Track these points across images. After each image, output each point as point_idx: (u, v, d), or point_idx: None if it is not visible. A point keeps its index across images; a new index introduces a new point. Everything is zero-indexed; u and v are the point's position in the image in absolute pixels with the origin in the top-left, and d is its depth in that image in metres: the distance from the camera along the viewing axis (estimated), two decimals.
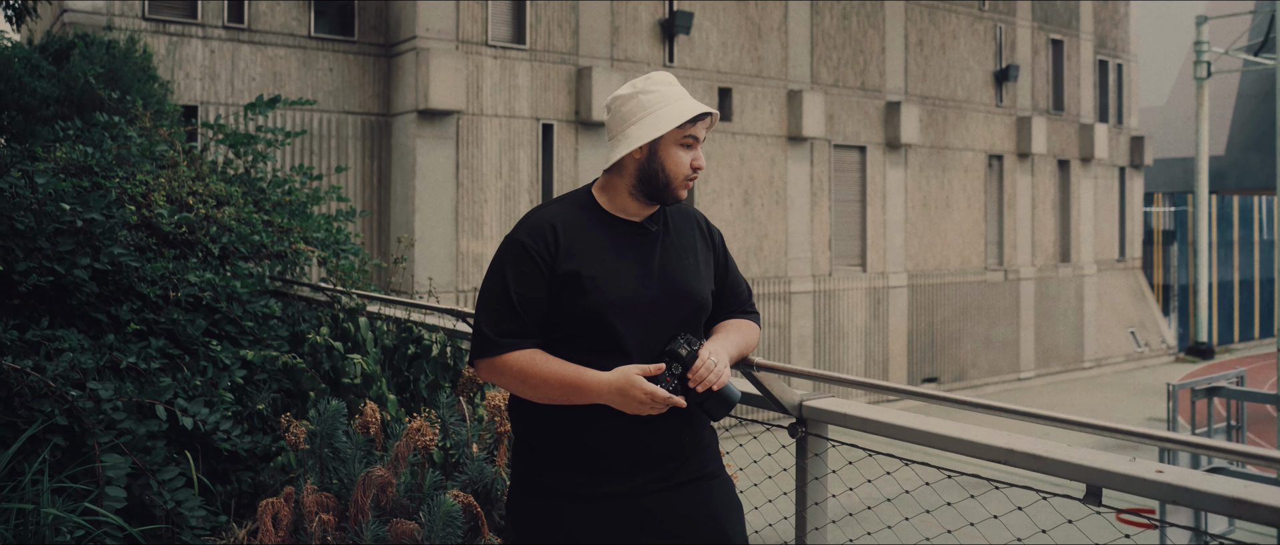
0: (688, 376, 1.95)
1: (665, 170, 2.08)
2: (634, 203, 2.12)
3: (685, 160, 2.09)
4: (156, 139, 4.64)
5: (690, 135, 2.09)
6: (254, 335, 3.99)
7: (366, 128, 14.26)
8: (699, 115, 2.09)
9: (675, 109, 2.06)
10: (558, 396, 2.02)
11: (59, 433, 3.21)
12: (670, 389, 1.95)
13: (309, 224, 4.81)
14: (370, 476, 2.60)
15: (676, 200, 2.11)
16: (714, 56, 16.63)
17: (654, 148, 2.09)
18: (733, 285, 2.25)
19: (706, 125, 2.13)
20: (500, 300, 2.06)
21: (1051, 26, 22.71)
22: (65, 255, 3.57)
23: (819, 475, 2.17)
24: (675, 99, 2.09)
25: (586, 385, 1.99)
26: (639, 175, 2.10)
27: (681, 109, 2.06)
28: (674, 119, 2.05)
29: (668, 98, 2.09)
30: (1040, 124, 21.86)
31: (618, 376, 1.97)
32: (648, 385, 1.95)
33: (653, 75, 2.14)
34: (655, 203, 2.11)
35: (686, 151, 2.09)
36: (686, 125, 2.08)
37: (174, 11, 13.05)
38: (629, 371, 1.96)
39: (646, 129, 2.07)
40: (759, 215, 17.27)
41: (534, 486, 2.10)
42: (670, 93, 2.10)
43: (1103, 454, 1.70)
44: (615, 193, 2.14)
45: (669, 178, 2.08)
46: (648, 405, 1.96)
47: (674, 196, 2.10)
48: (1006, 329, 21.57)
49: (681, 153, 2.09)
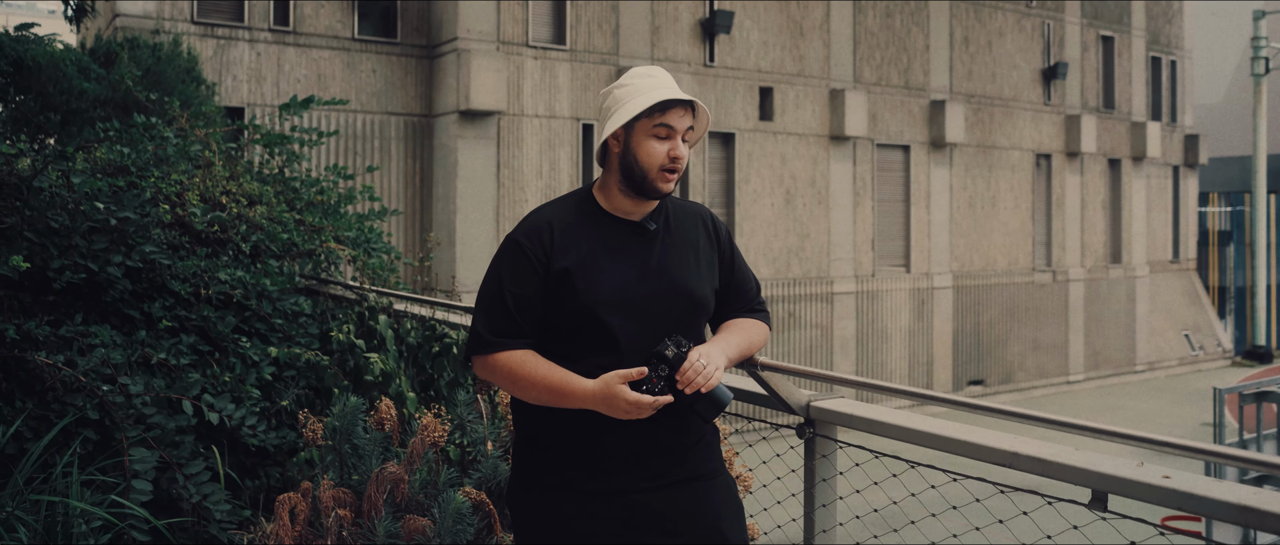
0: (675, 378, 1.93)
1: (639, 162, 2.05)
2: (626, 200, 2.10)
3: (659, 151, 2.04)
4: (192, 139, 4.73)
5: (663, 124, 2.04)
6: (284, 332, 4.04)
7: (409, 128, 14.41)
8: (671, 104, 2.04)
9: (642, 99, 2.03)
10: (545, 399, 2.02)
11: (90, 426, 3.29)
12: (656, 391, 1.93)
13: (340, 223, 4.87)
14: (383, 473, 2.62)
15: (659, 193, 2.06)
16: (755, 56, 16.55)
17: (628, 140, 2.07)
18: (740, 283, 2.22)
19: (685, 115, 2.06)
20: (494, 299, 2.06)
21: (1101, 23, 22.26)
22: (99, 253, 3.65)
23: (827, 477, 2.14)
24: (647, 89, 2.05)
25: (571, 392, 1.98)
26: (621, 169, 2.08)
27: (647, 99, 2.03)
28: (636, 108, 2.02)
29: (640, 89, 2.05)
30: (1090, 122, 21.44)
31: (600, 385, 1.96)
32: (631, 395, 1.93)
33: (637, 68, 2.12)
34: (642, 197, 2.08)
35: (661, 142, 2.05)
36: (656, 114, 2.04)
37: (221, 15, 13.30)
38: (611, 380, 1.95)
39: (614, 121, 2.06)
40: (801, 215, 17.15)
41: (530, 480, 2.11)
42: (644, 84, 2.06)
43: (1108, 458, 1.65)
44: (610, 191, 2.13)
45: (644, 170, 2.05)
46: (633, 413, 1.94)
47: (654, 189, 2.06)
48: (1055, 331, 21.19)
49: (655, 143, 2.05)
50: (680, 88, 2.10)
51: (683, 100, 2.06)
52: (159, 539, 3.19)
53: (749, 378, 2.28)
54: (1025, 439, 1.77)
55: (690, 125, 2.09)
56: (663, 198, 2.09)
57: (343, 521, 2.65)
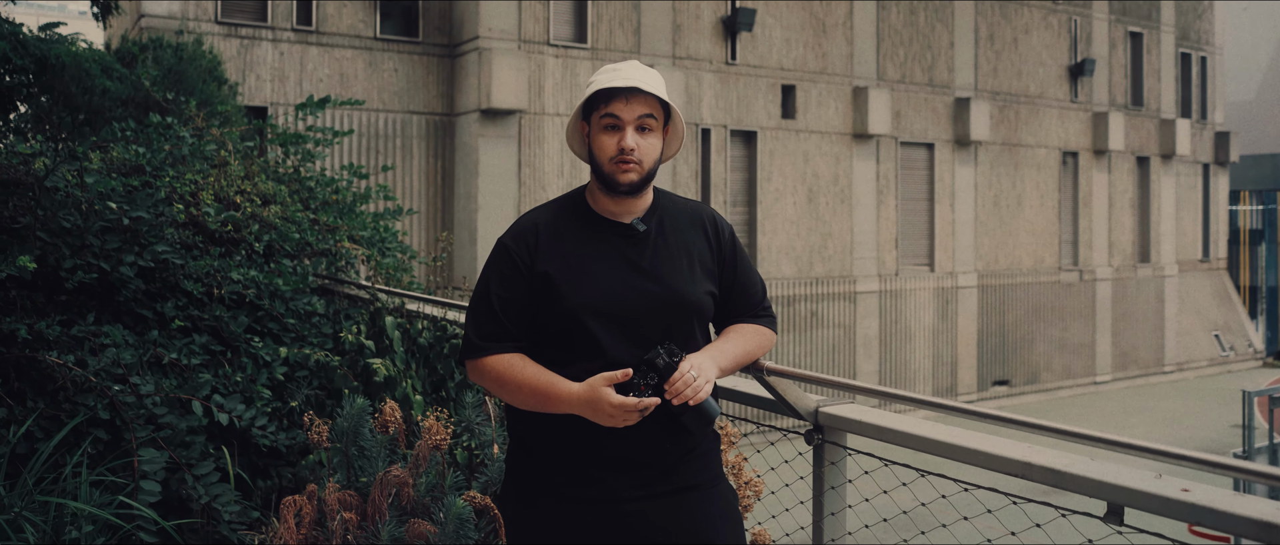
0: (664, 387, 1.89)
1: (595, 157, 2.02)
2: (607, 199, 2.05)
3: (609, 143, 1.99)
4: (207, 139, 4.74)
5: (607, 114, 1.99)
6: (296, 333, 4.03)
7: (431, 127, 14.44)
8: (615, 94, 1.98)
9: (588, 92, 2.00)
10: (532, 403, 1.99)
11: (101, 426, 3.29)
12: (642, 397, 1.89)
13: (355, 222, 4.86)
14: (387, 476, 2.60)
15: (620, 188, 2.00)
16: (777, 53, 16.45)
17: (589, 136, 2.04)
18: (743, 287, 2.15)
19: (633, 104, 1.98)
20: (483, 303, 2.04)
21: (1130, 19, 21.96)
22: (112, 252, 3.65)
23: (836, 484, 2.09)
24: (598, 84, 2.01)
25: (557, 395, 1.94)
26: (591, 167, 2.06)
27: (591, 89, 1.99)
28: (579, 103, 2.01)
29: (594, 83, 2.02)
30: (1118, 120, 21.17)
31: (584, 389, 1.92)
32: (616, 398, 1.88)
33: (606, 65, 2.08)
34: (610, 193, 2.02)
35: (610, 134, 1.99)
36: (601, 105, 1.99)
37: (245, 15, 13.38)
38: (597, 382, 1.90)
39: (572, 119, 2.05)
40: (823, 214, 17.04)
41: (520, 487, 2.07)
42: (599, 78, 2.02)
43: (1125, 469, 1.59)
44: (596, 193, 2.09)
45: (598, 163, 2.01)
46: (618, 418, 1.90)
47: (614, 183, 2.00)
48: (1082, 331, 20.94)
49: (604, 136, 2.00)
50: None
51: (623, 89, 1.98)
52: (167, 540, 3.18)
53: (755, 382, 2.22)
54: (1039, 448, 1.70)
55: (645, 113, 2.00)
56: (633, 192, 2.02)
57: (348, 524, 2.62)
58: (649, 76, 2.03)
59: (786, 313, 16.50)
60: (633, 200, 2.05)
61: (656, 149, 2.03)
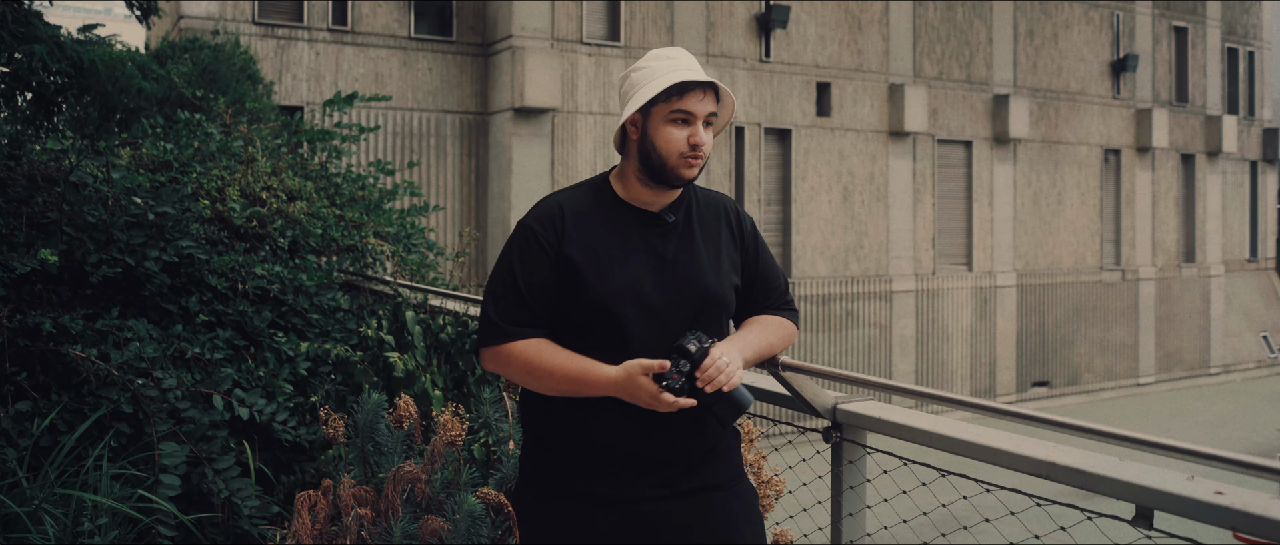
0: (696, 375, 1.83)
1: (657, 149, 1.94)
2: (645, 189, 1.99)
3: (678, 137, 1.93)
4: (235, 135, 4.76)
5: (680, 109, 1.93)
6: (320, 328, 4.03)
7: (464, 126, 14.49)
8: (689, 87, 1.92)
9: (660, 81, 1.92)
10: (564, 388, 1.93)
11: (124, 420, 3.30)
12: (676, 387, 1.83)
13: (381, 219, 4.85)
14: (400, 472, 2.57)
15: (680, 182, 1.96)
16: (812, 50, 16.31)
17: (645, 125, 1.96)
18: (765, 279, 2.10)
19: (704, 98, 1.95)
20: (508, 287, 1.97)
21: (1174, 13, 21.51)
22: (137, 247, 3.67)
23: (855, 484, 2.02)
24: (665, 72, 1.94)
25: (593, 379, 1.89)
26: (640, 157, 1.98)
27: (664, 80, 1.92)
28: (652, 91, 1.92)
29: (658, 71, 1.94)
30: (1161, 116, 20.74)
31: (622, 372, 1.87)
32: (654, 388, 1.83)
33: (655, 50, 2.01)
34: (662, 186, 1.97)
35: (680, 128, 1.93)
36: (674, 98, 1.93)
37: (282, 15, 13.51)
38: (634, 368, 1.85)
39: (631, 105, 1.96)
40: (859, 212, 16.87)
41: (535, 485, 2.02)
42: (662, 66, 1.95)
43: (1155, 470, 1.51)
44: (628, 179, 2.02)
45: (662, 158, 1.94)
46: (655, 406, 1.85)
47: (675, 177, 1.95)
48: (1124, 332, 20.55)
49: (673, 130, 1.93)
50: (724, 79, 1.97)
51: (702, 83, 1.94)
52: (186, 534, 3.18)
53: (772, 378, 2.16)
54: (1063, 448, 1.63)
55: (712, 110, 1.97)
56: (685, 187, 1.99)
57: (363, 520, 2.60)
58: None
59: (821, 312, 16.36)
60: (670, 192, 2.00)
61: (711, 144, 2.00)
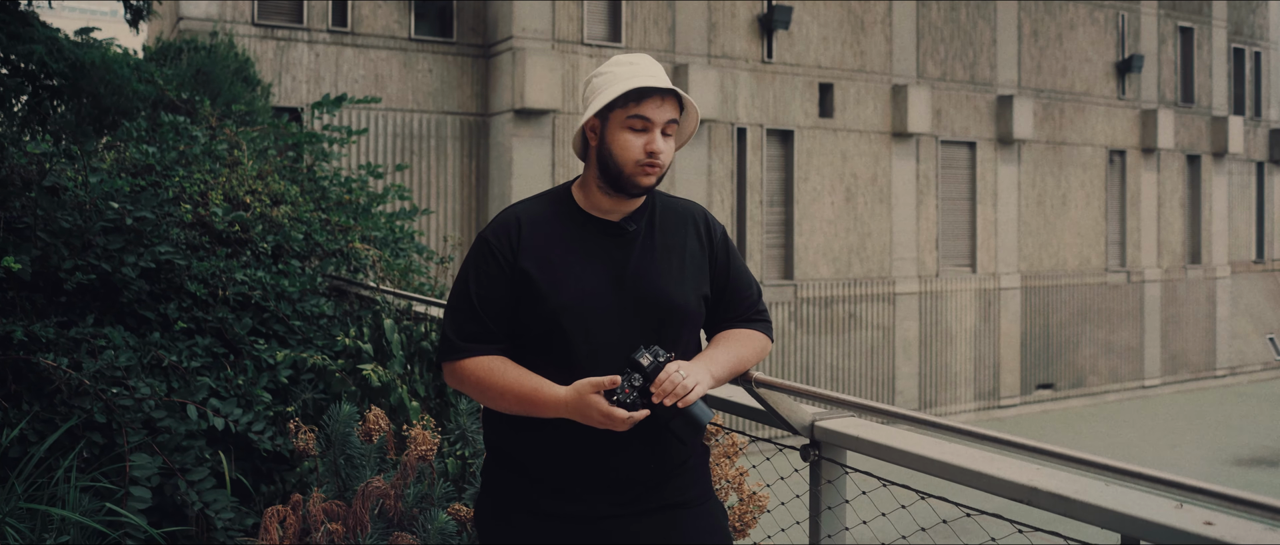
0: (651, 390, 1.76)
1: (614, 156, 1.88)
2: (605, 198, 1.93)
3: (635, 144, 1.86)
4: (220, 138, 4.69)
5: (638, 115, 1.86)
6: (303, 335, 3.96)
7: (465, 127, 14.42)
8: (647, 94, 1.86)
9: (617, 86, 1.86)
10: (515, 408, 1.86)
11: (97, 430, 3.23)
12: (628, 402, 1.75)
13: (369, 223, 4.78)
14: (368, 488, 2.49)
15: (638, 190, 1.89)
16: (814, 51, 16.21)
17: (604, 132, 1.90)
18: (736, 289, 2.02)
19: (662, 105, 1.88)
20: (463, 302, 1.92)
21: (1180, 14, 21.37)
22: (114, 253, 3.60)
23: (833, 505, 1.94)
24: (625, 78, 1.87)
25: (543, 399, 1.82)
26: (598, 164, 1.92)
27: (621, 85, 1.86)
28: (608, 96, 1.86)
29: (618, 77, 1.88)
30: (1167, 117, 20.60)
31: (572, 393, 1.79)
32: (604, 406, 1.76)
33: (620, 55, 1.94)
34: (620, 194, 1.91)
35: (637, 135, 1.87)
36: (630, 104, 1.86)
37: (281, 16, 13.45)
38: (584, 387, 1.78)
39: (588, 110, 1.90)
40: (862, 214, 16.77)
41: (495, 499, 1.96)
42: (623, 72, 1.88)
43: (1141, 497, 1.43)
44: (588, 188, 1.96)
45: (619, 165, 1.87)
46: (607, 424, 1.78)
47: (632, 186, 1.88)
48: (1129, 334, 20.41)
49: (630, 136, 1.87)
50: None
51: (660, 89, 1.87)
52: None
53: (747, 393, 2.08)
54: (1047, 471, 1.55)
55: (672, 118, 1.90)
56: (646, 195, 1.92)
57: (333, 536, 2.52)
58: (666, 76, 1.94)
59: (824, 314, 16.26)
60: (631, 200, 1.94)
61: (672, 153, 1.93)
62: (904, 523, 1.90)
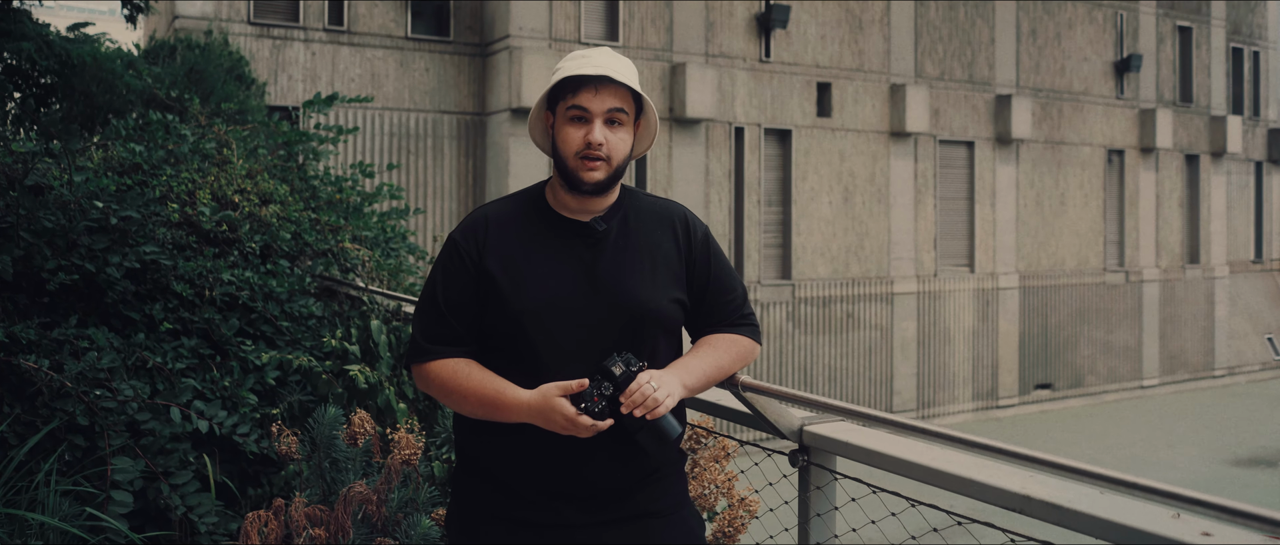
0: (620, 400, 1.71)
1: (559, 151, 1.84)
2: (568, 196, 1.88)
3: (575, 136, 1.82)
4: (209, 137, 4.64)
5: (574, 105, 1.81)
6: (291, 336, 3.91)
7: (462, 126, 14.37)
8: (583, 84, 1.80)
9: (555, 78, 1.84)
10: (479, 412, 1.82)
11: (79, 433, 3.18)
12: (597, 410, 1.70)
13: (360, 223, 4.73)
14: (350, 493, 2.45)
15: (585, 186, 1.83)
16: (812, 50, 16.17)
17: (553, 128, 1.87)
18: (718, 293, 1.95)
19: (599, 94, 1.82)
20: (431, 303, 1.88)
21: (1178, 13, 21.33)
22: (98, 253, 3.55)
23: (822, 512, 1.89)
24: (566, 71, 1.83)
25: (507, 403, 1.77)
26: (554, 161, 1.88)
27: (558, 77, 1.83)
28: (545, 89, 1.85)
29: (561, 71, 1.85)
30: (1165, 117, 20.56)
31: (537, 397, 1.75)
32: (569, 410, 1.71)
33: (577, 50, 1.91)
34: (573, 190, 1.85)
35: (576, 127, 1.82)
36: (569, 95, 1.82)
37: (277, 15, 13.40)
38: (550, 391, 1.73)
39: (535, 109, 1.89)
40: (860, 213, 16.73)
41: (464, 508, 1.91)
42: (567, 66, 1.85)
43: (1136, 506, 1.38)
44: (555, 187, 1.92)
45: (562, 159, 1.84)
46: (571, 430, 1.73)
47: (577, 181, 1.83)
48: (1128, 334, 20.38)
49: (570, 129, 1.82)
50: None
51: (594, 78, 1.81)
52: None
53: (734, 397, 2.03)
54: (1040, 478, 1.51)
55: (616, 106, 1.83)
56: (598, 191, 1.85)
57: (315, 541, 2.48)
58: (621, 65, 1.86)
59: (822, 314, 16.22)
60: (596, 199, 1.88)
61: (627, 145, 1.86)
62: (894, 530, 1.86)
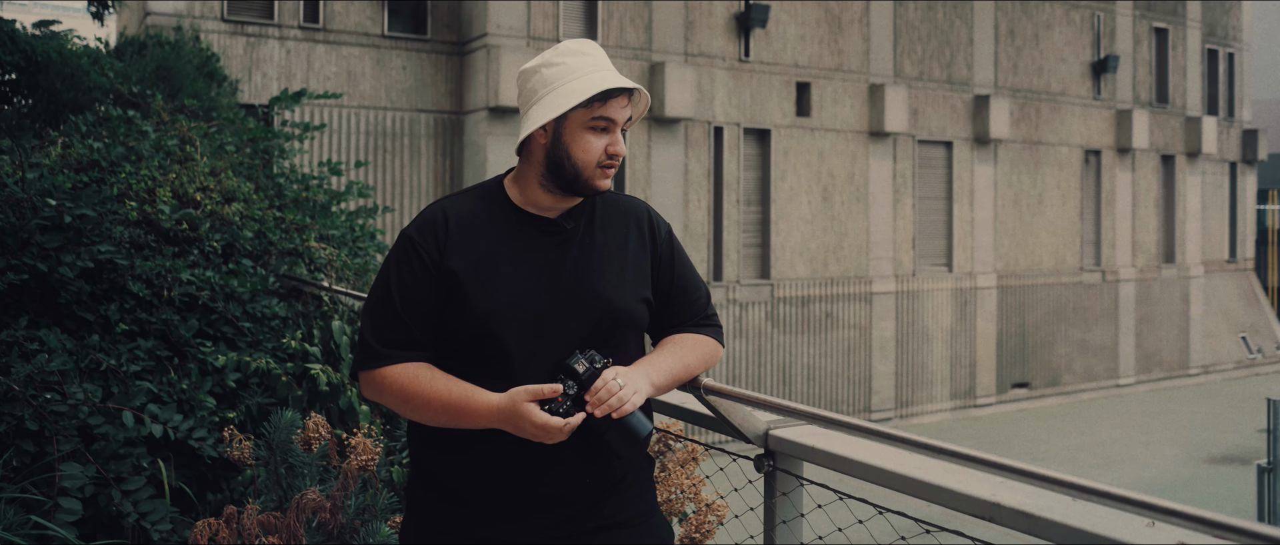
0: (585, 398, 1.64)
1: (572, 158, 1.75)
2: (546, 195, 1.79)
3: (597, 146, 1.74)
4: (171, 134, 4.53)
5: (601, 116, 1.74)
6: (252, 337, 3.81)
7: (439, 125, 14.25)
8: (613, 94, 1.74)
9: (579, 84, 1.72)
10: (443, 419, 1.72)
11: (28, 438, 3.08)
12: (562, 411, 1.64)
13: (327, 222, 4.64)
14: (303, 500, 2.36)
15: (594, 193, 1.77)
16: (792, 50, 16.15)
17: (558, 131, 1.76)
18: (682, 292, 1.89)
19: (626, 104, 1.77)
20: (384, 304, 1.77)
21: (1155, 15, 21.47)
22: (51, 252, 3.44)
23: (788, 519, 1.83)
24: (582, 72, 1.74)
25: (474, 408, 1.68)
26: (546, 163, 1.77)
27: (586, 84, 1.72)
28: (575, 96, 1.71)
29: (573, 70, 1.74)
30: (1142, 117, 20.69)
31: (505, 401, 1.66)
32: (539, 415, 1.63)
33: (565, 44, 1.80)
34: (571, 195, 1.78)
35: (599, 136, 1.75)
36: (596, 104, 1.73)
37: (252, 13, 13.23)
38: (519, 395, 1.65)
39: (546, 108, 1.74)
40: (839, 213, 16.72)
41: (421, 522, 1.82)
42: (578, 64, 1.75)
43: (1110, 515, 1.33)
44: (526, 183, 1.82)
45: (578, 167, 1.75)
46: (541, 436, 1.65)
47: (589, 188, 1.76)
48: (1104, 333, 20.49)
49: (591, 137, 1.74)
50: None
51: (629, 89, 1.77)
52: None
53: (697, 401, 1.97)
54: (1011, 485, 1.45)
55: (629, 116, 1.80)
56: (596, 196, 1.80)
57: None
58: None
59: (800, 314, 16.20)
60: (572, 198, 1.81)
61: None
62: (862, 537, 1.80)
